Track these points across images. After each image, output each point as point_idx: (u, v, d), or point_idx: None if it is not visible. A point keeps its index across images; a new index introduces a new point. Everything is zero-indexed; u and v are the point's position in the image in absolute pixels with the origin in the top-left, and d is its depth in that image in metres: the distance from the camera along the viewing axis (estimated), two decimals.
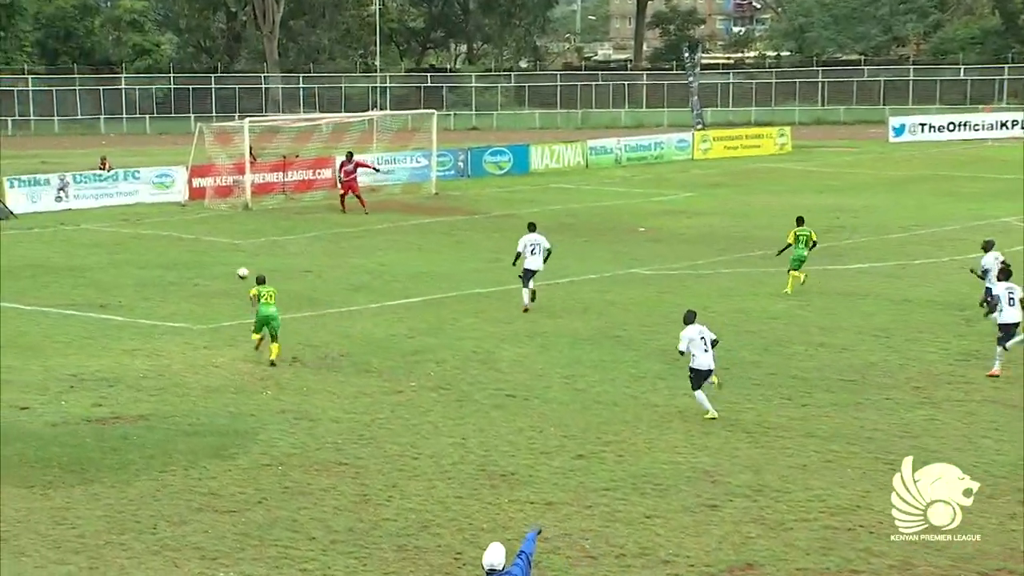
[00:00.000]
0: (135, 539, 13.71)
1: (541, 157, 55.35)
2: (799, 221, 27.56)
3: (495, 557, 9.66)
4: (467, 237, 36.18)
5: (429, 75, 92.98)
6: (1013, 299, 20.11)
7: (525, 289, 25.37)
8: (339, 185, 42.02)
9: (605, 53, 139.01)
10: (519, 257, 25.53)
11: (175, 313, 25.23)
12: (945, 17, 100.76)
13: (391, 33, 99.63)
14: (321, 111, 78.63)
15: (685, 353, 17.97)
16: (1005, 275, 20.84)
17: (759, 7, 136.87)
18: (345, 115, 62.51)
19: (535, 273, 25.37)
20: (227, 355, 21.76)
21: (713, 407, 17.90)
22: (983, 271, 23.29)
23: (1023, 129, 68.00)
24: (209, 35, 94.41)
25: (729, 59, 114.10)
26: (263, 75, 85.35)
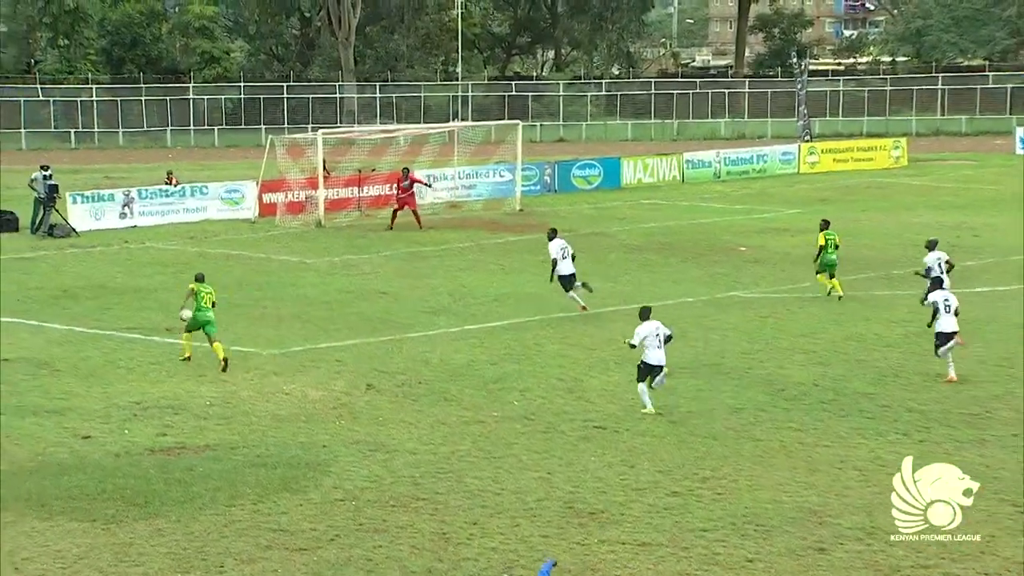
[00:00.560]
0: None
1: (633, 171, 55.29)
2: (825, 224, 28.96)
3: None
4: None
5: (514, 83, 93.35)
6: (949, 307, 21.88)
7: (572, 293, 27.00)
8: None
9: (703, 59, 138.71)
10: (555, 265, 26.95)
11: (243, 337, 25.54)
12: None
13: (474, 39, 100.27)
14: (398, 122, 79.29)
15: (637, 346, 19.70)
16: (939, 284, 23.00)
17: (872, 9, 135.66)
18: (424, 126, 63.12)
19: (574, 276, 27.00)
20: (297, 382, 21.98)
21: (652, 404, 19.69)
22: (926, 270, 25.43)
23: None
24: (282, 42, 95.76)
25: (839, 65, 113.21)
26: (338, 84, 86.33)
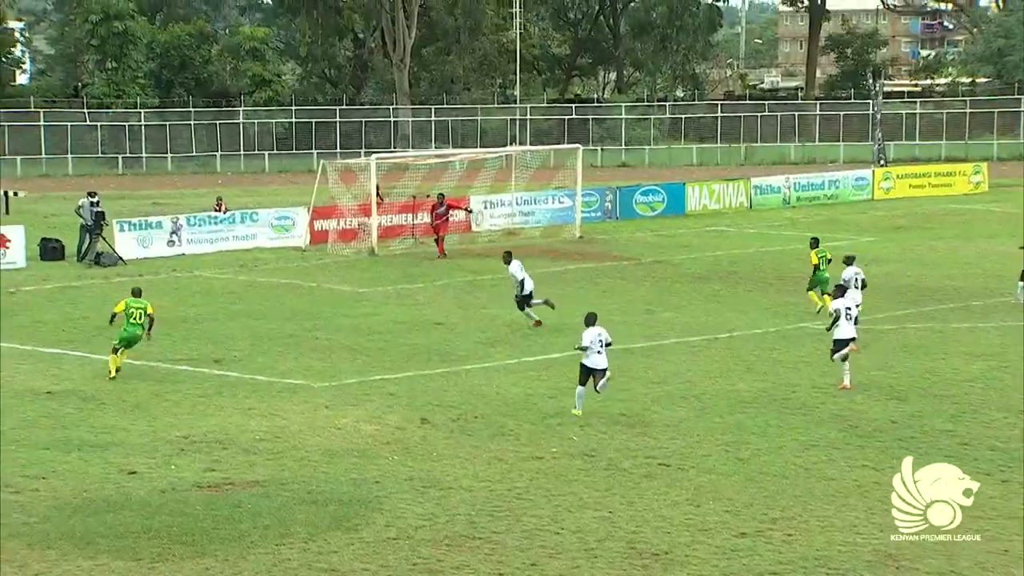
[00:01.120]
0: None
1: (699, 197, 55.19)
2: (815, 242, 31.31)
3: None
4: (615, 286, 36.15)
5: (574, 106, 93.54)
6: (851, 315, 23.63)
7: (528, 310, 29.31)
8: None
9: (772, 80, 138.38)
10: (524, 285, 29.40)
11: (294, 369, 25.69)
12: None
13: (532, 60, 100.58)
14: (454, 146, 79.73)
15: (587, 349, 21.60)
16: (842, 291, 24.56)
17: (951, 28, 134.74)
18: (480, 151, 63.36)
19: (532, 294, 29.38)
20: (349, 416, 22.06)
21: (579, 406, 21.56)
22: (843, 283, 26.73)
23: None
24: (334, 64, 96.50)
25: (915, 87, 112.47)
26: (392, 107, 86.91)
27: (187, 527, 16.64)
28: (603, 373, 21.65)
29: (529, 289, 29.52)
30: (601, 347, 21.67)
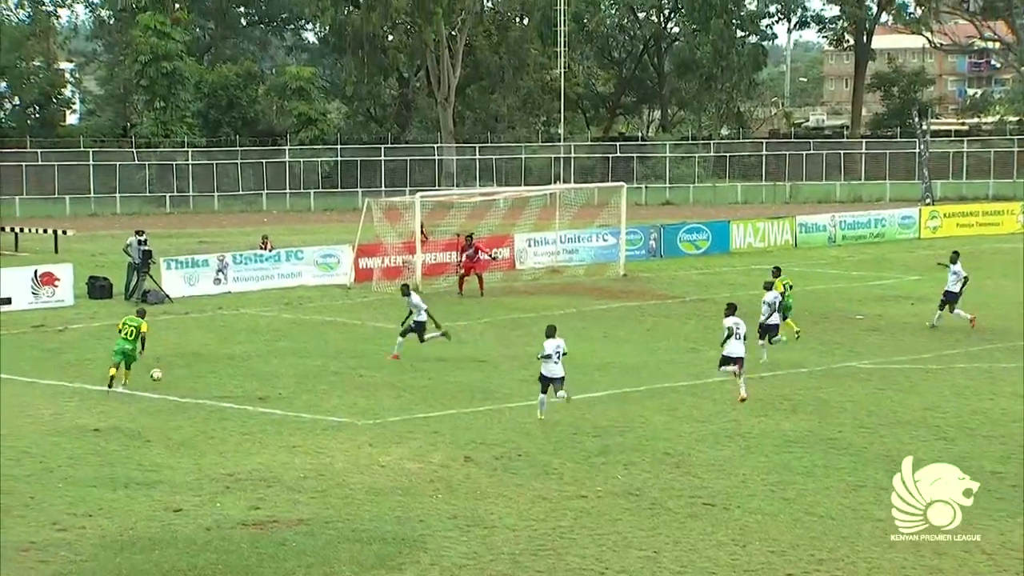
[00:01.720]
0: None
1: (743, 235, 55.08)
2: (777, 271, 32.61)
3: None
4: (660, 324, 36.10)
5: (618, 144, 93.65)
6: (739, 334, 25.38)
7: (403, 340, 30.32)
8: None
9: (817, 118, 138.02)
10: (418, 311, 30.41)
11: (338, 407, 25.77)
12: None
13: (576, 99, 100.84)
14: (498, 184, 79.90)
15: (548, 357, 23.50)
16: (733, 309, 25.94)
17: (998, 67, 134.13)
18: (524, 188, 63.51)
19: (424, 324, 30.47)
20: (393, 453, 22.09)
21: (542, 412, 23.55)
22: (766, 305, 28.73)
23: None
24: (379, 103, 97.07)
25: (963, 125, 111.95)
26: (436, 146, 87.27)
27: (232, 565, 16.69)
28: (561, 382, 23.74)
29: (421, 319, 30.46)
30: (559, 357, 23.68)
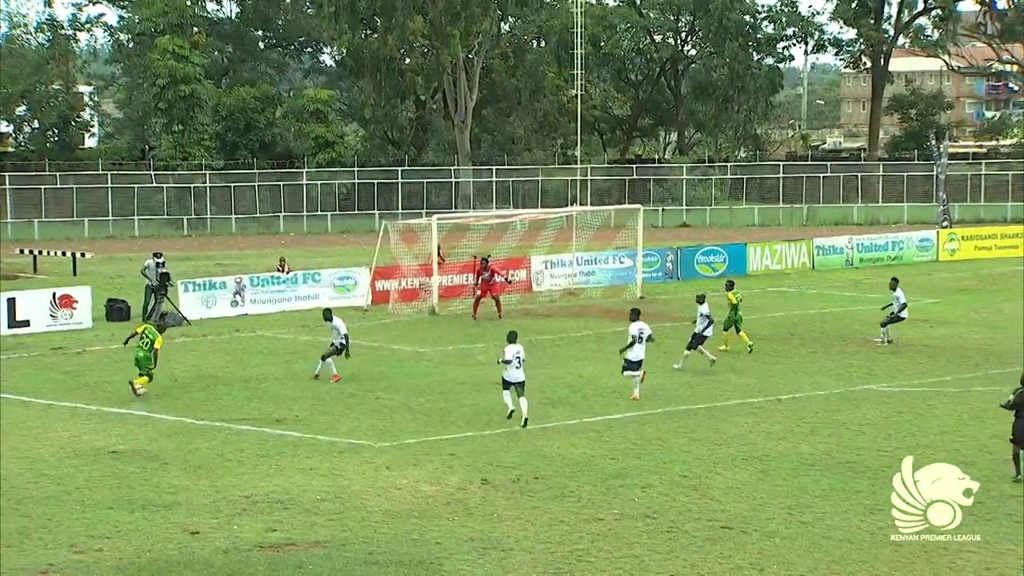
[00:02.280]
0: None
1: (760, 257, 55.03)
2: (731, 285, 34.89)
3: None
4: (677, 346, 35.99)
5: (635, 166, 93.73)
6: (642, 338, 27.46)
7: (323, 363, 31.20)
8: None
9: (835, 141, 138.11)
10: (343, 334, 31.12)
11: (355, 429, 25.78)
12: None
13: (593, 121, 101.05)
14: (515, 206, 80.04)
15: (508, 363, 25.21)
16: (637, 314, 28.10)
17: (1016, 90, 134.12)
18: (541, 211, 63.54)
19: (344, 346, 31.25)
20: (410, 476, 22.08)
21: (520, 410, 25.04)
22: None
23: None
24: (396, 125, 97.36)
25: (980, 148, 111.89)
26: (453, 168, 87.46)
27: None
28: (521, 386, 25.45)
29: (343, 342, 31.19)
30: (519, 363, 25.37)
